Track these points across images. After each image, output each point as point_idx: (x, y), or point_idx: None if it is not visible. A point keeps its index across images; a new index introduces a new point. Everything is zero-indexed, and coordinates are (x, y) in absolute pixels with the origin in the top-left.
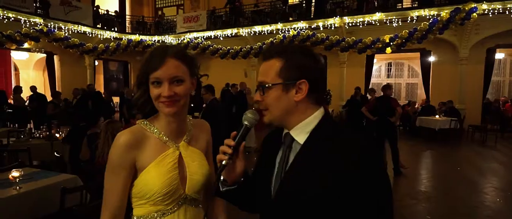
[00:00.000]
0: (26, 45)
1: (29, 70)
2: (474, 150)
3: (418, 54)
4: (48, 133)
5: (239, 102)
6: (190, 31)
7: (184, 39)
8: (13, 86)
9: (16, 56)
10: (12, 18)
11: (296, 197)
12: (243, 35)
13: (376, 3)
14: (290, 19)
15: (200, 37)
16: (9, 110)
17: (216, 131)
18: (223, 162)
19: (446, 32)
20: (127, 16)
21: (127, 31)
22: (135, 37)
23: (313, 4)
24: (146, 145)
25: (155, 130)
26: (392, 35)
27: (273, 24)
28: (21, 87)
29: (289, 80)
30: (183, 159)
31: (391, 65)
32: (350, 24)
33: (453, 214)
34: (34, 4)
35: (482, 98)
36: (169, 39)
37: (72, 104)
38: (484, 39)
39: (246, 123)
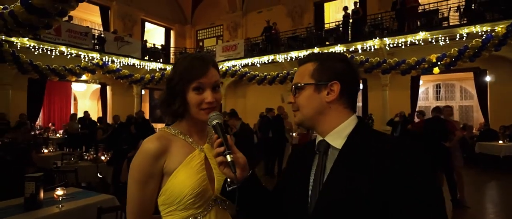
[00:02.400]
0: (84, 77)
1: (85, 100)
2: None
3: (471, 74)
4: (95, 156)
5: (275, 126)
6: (228, 59)
7: (222, 67)
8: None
9: (76, 87)
10: (74, 54)
11: (337, 207)
12: (280, 61)
13: (419, 22)
14: (327, 43)
15: (237, 65)
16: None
17: (250, 155)
18: (229, 159)
19: (504, 49)
20: (171, 48)
21: (170, 62)
22: None
23: (350, 27)
24: (173, 148)
25: (180, 134)
26: (439, 54)
27: (310, 49)
28: (76, 115)
29: (321, 81)
30: (208, 160)
31: (440, 87)
32: (390, 45)
33: None
34: (93, 41)
35: None
36: None
37: (115, 129)
38: None
39: (214, 122)
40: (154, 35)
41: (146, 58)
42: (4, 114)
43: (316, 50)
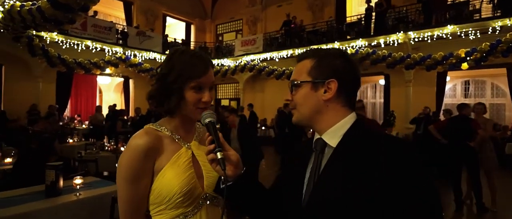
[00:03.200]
0: (108, 70)
1: (110, 92)
2: None
3: (504, 70)
4: (115, 147)
5: (290, 122)
6: (247, 54)
7: (241, 61)
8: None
9: (101, 81)
10: (99, 48)
11: (329, 204)
12: None
13: (447, 14)
14: (348, 37)
15: (256, 59)
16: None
17: (251, 151)
18: (219, 156)
19: None
20: (191, 43)
21: None
22: None
23: (373, 20)
24: (161, 146)
25: (167, 130)
26: (468, 49)
27: (330, 43)
28: (100, 107)
29: (318, 79)
30: (196, 157)
31: (468, 84)
32: (415, 39)
33: None
34: (116, 36)
35: None
36: (228, 62)
37: (136, 121)
38: None
39: (206, 121)
40: (175, 29)
41: (167, 52)
42: (35, 104)
43: (336, 44)
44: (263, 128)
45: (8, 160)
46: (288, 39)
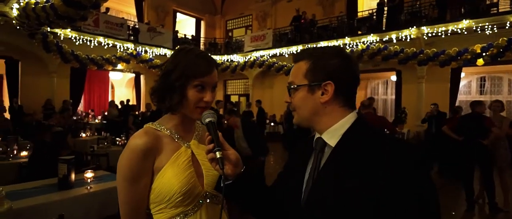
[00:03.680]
0: (119, 66)
1: (122, 88)
2: None
3: None
4: (125, 141)
5: None
6: (256, 50)
7: (250, 57)
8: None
9: (113, 76)
10: (111, 44)
11: (327, 203)
12: None
13: (463, 9)
14: (359, 33)
15: (266, 55)
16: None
17: (255, 148)
18: (218, 155)
19: None
20: (201, 39)
21: None
22: None
23: (385, 15)
24: (160, 145)
25: (166, 130)
26: (484, 44)
27: (340, 39)
28: (114, 102)
29: (315, 81)
30: (195, 156)
31: (484, 80)
32: (429, 35)
33: None
34: (128, 32)
35: None
36: (237, 57)
37: (147, 117)
38: None
39: (207, 120)
40: (185, 25)
41: (177, 48)
42: (50, 99)
43: (347, 40)
44: (272, 124)
45: (24, 153)
46: (298, 35)
